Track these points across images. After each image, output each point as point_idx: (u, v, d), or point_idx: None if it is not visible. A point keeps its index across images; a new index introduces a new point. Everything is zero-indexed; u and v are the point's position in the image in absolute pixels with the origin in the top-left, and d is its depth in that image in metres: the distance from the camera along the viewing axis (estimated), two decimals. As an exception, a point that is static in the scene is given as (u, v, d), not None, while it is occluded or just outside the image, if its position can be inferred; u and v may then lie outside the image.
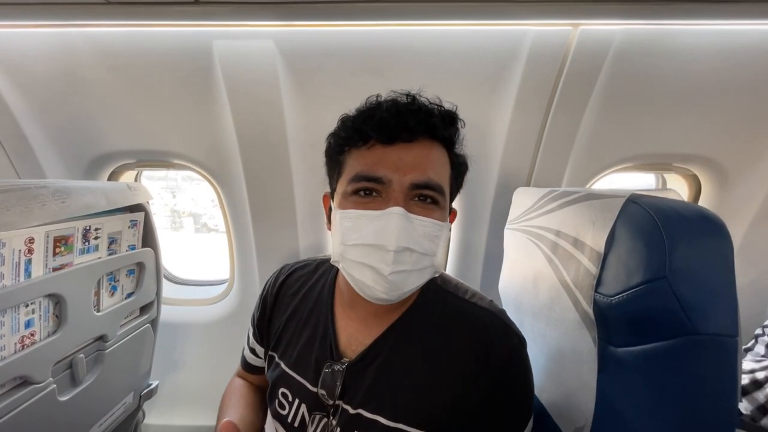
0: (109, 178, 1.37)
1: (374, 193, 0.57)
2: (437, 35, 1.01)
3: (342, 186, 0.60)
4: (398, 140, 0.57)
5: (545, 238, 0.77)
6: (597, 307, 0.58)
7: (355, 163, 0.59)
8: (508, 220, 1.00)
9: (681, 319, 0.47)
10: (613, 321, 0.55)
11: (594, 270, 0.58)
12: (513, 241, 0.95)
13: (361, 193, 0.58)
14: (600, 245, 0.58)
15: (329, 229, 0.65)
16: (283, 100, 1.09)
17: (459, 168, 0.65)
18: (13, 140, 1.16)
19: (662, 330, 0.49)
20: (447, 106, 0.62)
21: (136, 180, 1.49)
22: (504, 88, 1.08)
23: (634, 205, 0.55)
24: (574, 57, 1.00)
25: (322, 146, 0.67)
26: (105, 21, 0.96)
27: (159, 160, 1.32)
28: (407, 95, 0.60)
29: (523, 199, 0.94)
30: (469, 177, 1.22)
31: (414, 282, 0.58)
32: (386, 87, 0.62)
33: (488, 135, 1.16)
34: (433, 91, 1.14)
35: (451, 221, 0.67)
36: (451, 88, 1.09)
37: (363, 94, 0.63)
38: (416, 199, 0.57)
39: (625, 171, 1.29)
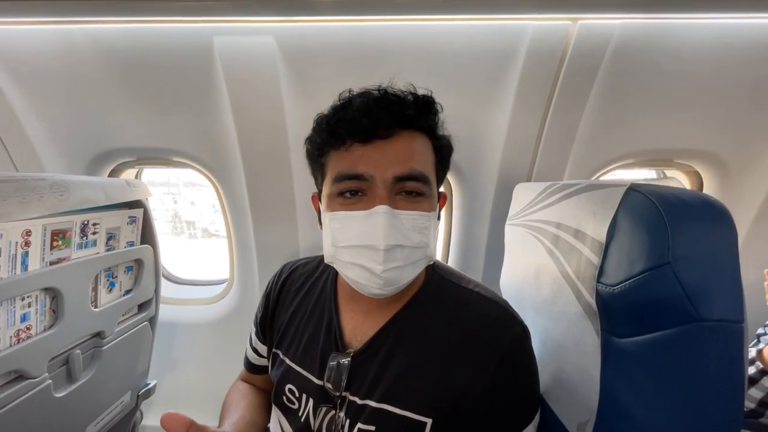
0: (109, 177, 1.37)
1: (360, 193, 0.57)
2: (438, 31, 1.01)
3: (327, 188, 0.61)
4: (375, 138, 0.56)
5: (546, 231, 0.76)
6: (599, 297, 0.57)
7: (336, 164, 0.59)
8: (508, 215, 1.00)
9: (685, 306, 0.47)
10: (616, 311, 0.54)
11: (596, 260, 0.58)
12: (514, 237, 0.94)
13: (347, 194, 0.58)
14: (601, 235, 0.57)
15: (321, 229, 0.66)
16: (283, 96, 1.09)
17: (443, 151, 0.65)
18: (14, 137, 1.16)
19: (666, 318, 0.48)
20: (421, 91, 0.61)
21: (136, 178, 1.49)
22: (504, 83, 1.08)
23: (636, 193, 0.54)
24: (573, 52, 1.00)
25: None
26: (106, 17, 0.97)
27: (159, 157, 1.32)
28: (378, 89, 0.59)
29: (523, 195, 0.94)
30: (470, 173, 1.23)
31: (409, 275, 0.59)
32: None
33: (488, 131, 1.15)
34: (433, 86, 1.13)
35: (441, 206, 0.67)
36: (451, 83, 1.09)
37: (363, 90, 0.62)
38: (402, 194, 0.57)
39: (626, 167, 1.29)
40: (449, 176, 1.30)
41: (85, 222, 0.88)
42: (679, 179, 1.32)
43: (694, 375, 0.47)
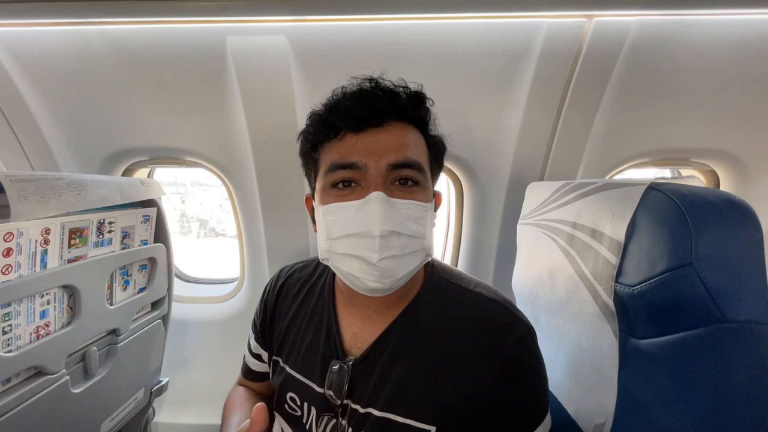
0: (122, 176, 1.38)
1: (353, 184, 0.57)
2: (450, 29, 1.01)
3: (320, 182, 0.60)
4: (367, 126, 0.56)
5: (561, 231, 0.75)
6: (618, 298, 0.56)
7: (329, 155, 0.58)
8: (521, 215, 0.99)
9: (709, 307, 0.46)
10: (636, 312, 0.54)
11: (614, 260, 0.57)
12: (527, 236, 0.94)
13: (340, 185, 0.57)
14: (620, 234, 0.56)
15: (315, 231, 0.64)
16: (295, 96, 1.09)
17: (436, 148, 0.64)
18: (31, 137, 1.18)
19: (689, 319, 0.48)
20: (413, 86, 0.61)
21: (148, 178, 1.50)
22: (517, 82, 1.07)
23: (656, 192, 0.54)
24: (588, 50, 0.98)
25: None
26: (120, 18, 0.98)
27: (172, 157, 1.33)
28: (370, 80, 0.60)
29: (536, 194, 0.93)
30: (481, 172, 1.22)
31: (406, 267, 0.56)
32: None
33: (501, 130, 1.14)
34: (446, 84, 1.12)
35: (437, 205, 0.66)
36: (464, 81, 1.08)
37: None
38: (397, 183, 0.56)
39: (641, 166, 1.27)
40: (460, 175, 1.30)
41: (101, 221, 0.89)
42: (700, 178, 1.30)
43: (718, 377, 0.46)
